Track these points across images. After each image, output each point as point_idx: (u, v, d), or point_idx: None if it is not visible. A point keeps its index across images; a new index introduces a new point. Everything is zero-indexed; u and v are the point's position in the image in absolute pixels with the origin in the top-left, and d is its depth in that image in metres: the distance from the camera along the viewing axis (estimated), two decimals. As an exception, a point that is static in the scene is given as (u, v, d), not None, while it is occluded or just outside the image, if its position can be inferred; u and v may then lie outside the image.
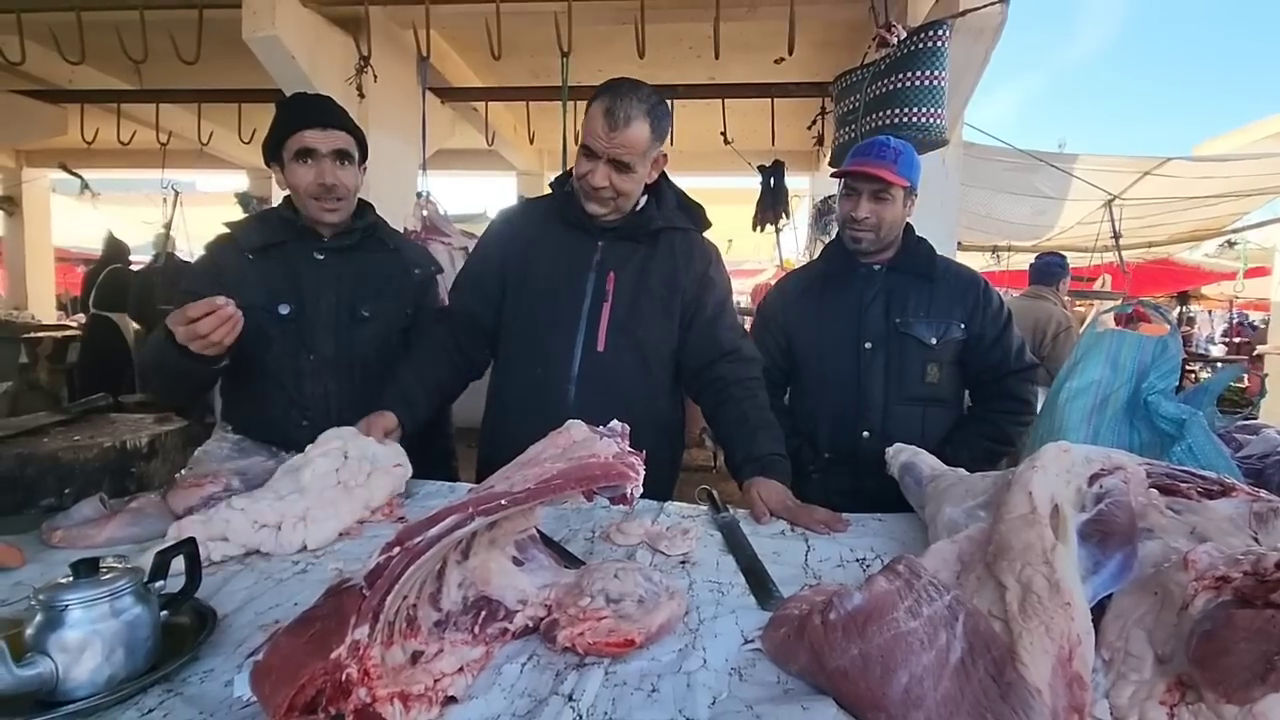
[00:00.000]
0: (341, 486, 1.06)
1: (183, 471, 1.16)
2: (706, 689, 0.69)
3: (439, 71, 3.88)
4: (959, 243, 6.66)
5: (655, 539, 1.06)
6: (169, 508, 1.07)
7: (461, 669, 0.68)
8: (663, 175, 1.54)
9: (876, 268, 1.68)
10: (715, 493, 1.29)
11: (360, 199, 1.59)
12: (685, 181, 1.66)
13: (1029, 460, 0.83)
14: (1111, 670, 0.60)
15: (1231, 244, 8.11)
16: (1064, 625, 0.61)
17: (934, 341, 1.60)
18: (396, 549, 0.64)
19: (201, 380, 1.33)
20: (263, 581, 0.91)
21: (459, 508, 0.66)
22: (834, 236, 1.81)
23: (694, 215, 1.59)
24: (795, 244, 5.39)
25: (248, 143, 3.98)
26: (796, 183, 5.39)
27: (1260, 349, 6.12)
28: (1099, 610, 0.65)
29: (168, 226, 4.44)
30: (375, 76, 3.03)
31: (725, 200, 6.44)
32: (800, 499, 1.27)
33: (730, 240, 7.96)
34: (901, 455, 1.33)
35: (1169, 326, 1.25)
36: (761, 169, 4.42)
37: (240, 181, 6.24)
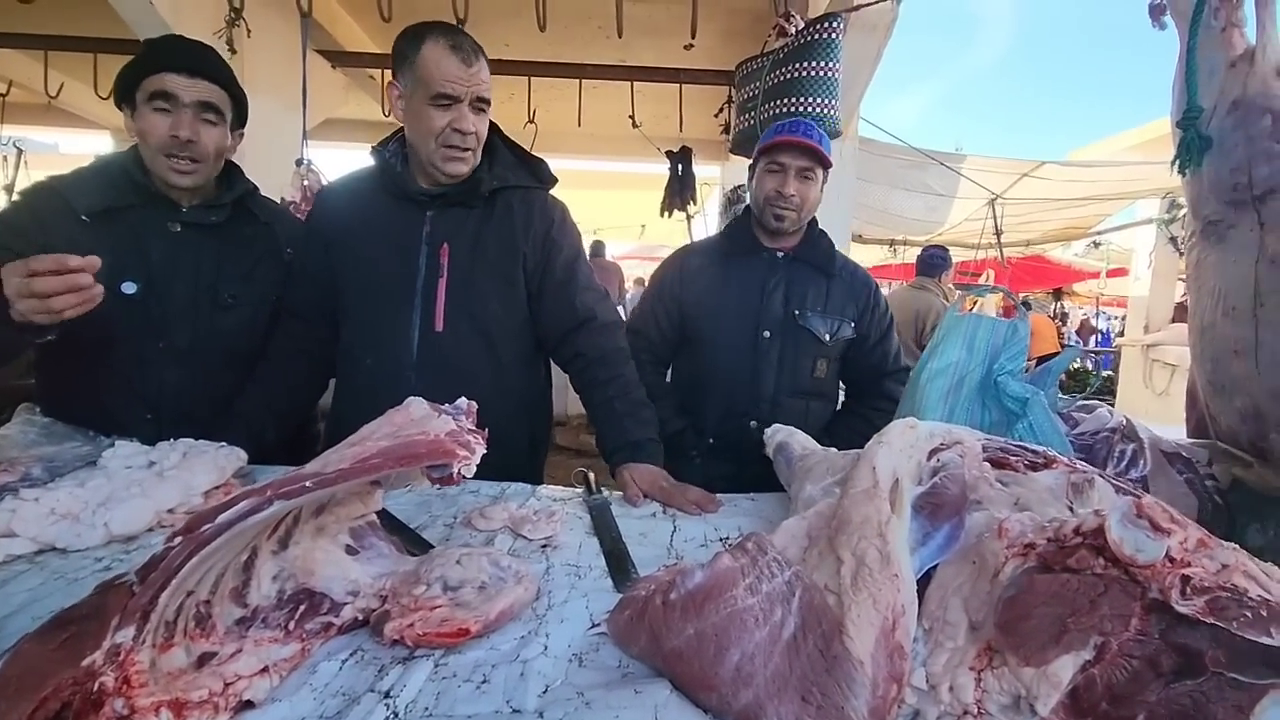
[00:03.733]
0: (154, 470, 0.94)
1: (-28, 460, 1.00)
2: (540, 677, 0.65)
3: (329, 34, 3.61)
4: (860, 235, 6.98)
5: (518, 523, 1.02)
6: (-53, 501, 0.92)
7: (266, 670, 0.62)
8: (496, 130, 1.42)
9: (780, 255, 1.65)
10: (591, 475, 1.26)
11: (230, 162, 1.40)
12: (594, 165, 1.58)
13: (877, 435, 0.84)
14: (930, 639, 0.61)
15: (1096, 244, 8.90)
16: (890, 597, 0.61)
17: (827, 338, 1.61)
18: (179, 538, 0.57)
19: (6, 352, 1.12)
20: (52, 581, 0.80)
21: (256, 491, 0.59)
22: (737, 216, 1.80)
23: (535, 170, 1.46)
24: (706, 232, 5.47)
25: (105, 98, 3.57)
26: (707, 171, 5.43)
27: (1118, 341, 6.75)
28: (926, 580, 0.66)
29: (8, 189, 3.93)
30: (249, 31, 2.78)
31: (636, 185, 6.43)
32: (681, 481, 1.26)
33: (644, 225, 7.98)
34: (777, 435, 1.34)
35: (1020, 311, 1.32)
36: (670, 154, 4.42)
37: (104, 143, 5.62)
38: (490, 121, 1.36)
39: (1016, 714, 0.53)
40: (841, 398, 1.83)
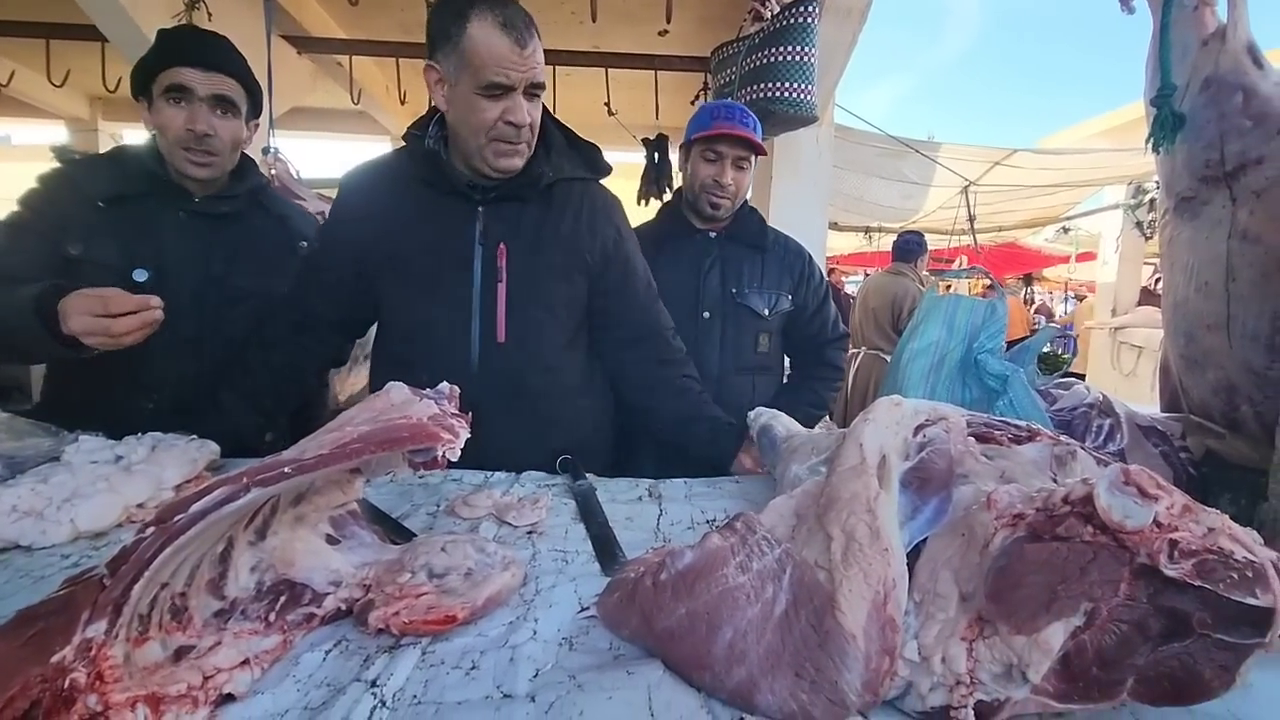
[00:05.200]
0: (121, 464, 0.91)
1: (-74, 459, 0.96)
2: (531, 661, 0.64)
3: (294, 19, 3.51)
4: (835, 223, 7.03)
5: (503, 510, 1.01)
6: (-101, 501, 0.88)
7: (246, 662, 0.60)
8: (545, 111, 1.26)
9: (713, 235, 1.67)
10: (575, 460, 1.24)
11: (244, 155, 1.41)
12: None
13: (863, 413, 0.84)
14: (921, 611, 0.61)
15: (1066, 230, 9.07)
16: (881, 571, 0.61)
17: (766, 313, 1.64)
18: (150, 529, 0.54)
19: (40, 360, 1.15)
20: (17, 580, 0.77)
21: (232, 479, 0.57)
22: (668, 200, 1.80)
23: (589, 159, 1.33)
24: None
25: (59, 86, 3.45)
26: (684, 159, 5.42)
27: (1086, 324, 6.89)
28: (915, 554, 0.66)
29: (-42, 181, 3.77)
30: (210, 15, 2.69)
31: (613, 173, 6.38)
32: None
33: (621, 216, 7.94)
34: (761, 418, 1.34)
35: (998, 291, 1.34)
36: (646, 142, 4.39)
37: (58, 133, 5.41)
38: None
39: (1009, 682, 0.53)
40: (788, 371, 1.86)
